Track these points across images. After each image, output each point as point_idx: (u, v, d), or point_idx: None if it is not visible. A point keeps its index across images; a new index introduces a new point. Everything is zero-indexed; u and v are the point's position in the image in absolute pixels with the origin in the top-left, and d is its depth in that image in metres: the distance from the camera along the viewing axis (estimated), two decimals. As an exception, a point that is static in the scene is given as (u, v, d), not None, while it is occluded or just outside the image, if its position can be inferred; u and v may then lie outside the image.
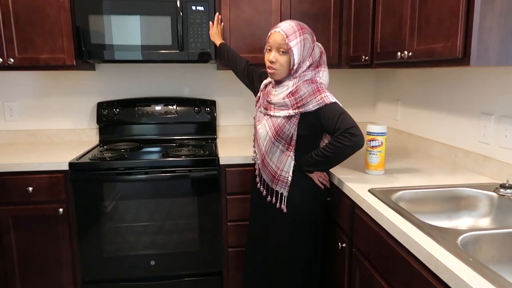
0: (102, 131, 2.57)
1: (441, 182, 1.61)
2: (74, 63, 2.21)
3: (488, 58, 1.31)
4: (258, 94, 1.81)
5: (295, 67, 1.58)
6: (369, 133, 1.71)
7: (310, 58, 1.62)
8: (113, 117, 2.54)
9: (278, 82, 1.67)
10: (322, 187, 1.73)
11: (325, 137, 1.73)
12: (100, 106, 2.55)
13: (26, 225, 2.07)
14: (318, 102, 1.54)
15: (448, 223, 1.46)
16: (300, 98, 1.55)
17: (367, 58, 2.06)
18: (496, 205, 1.43)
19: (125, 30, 2.15)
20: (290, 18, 2.31)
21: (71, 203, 2.07)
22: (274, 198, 1.72)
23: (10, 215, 2.04)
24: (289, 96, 1.58)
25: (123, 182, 2.07)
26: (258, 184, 1.79)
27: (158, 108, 2.57)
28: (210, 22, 2.19)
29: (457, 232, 1.11)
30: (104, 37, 2.15)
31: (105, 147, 2.40)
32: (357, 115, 2.89)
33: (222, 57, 2.16)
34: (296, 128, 1.59)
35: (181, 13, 2.15)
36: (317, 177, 1.71)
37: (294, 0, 2.31)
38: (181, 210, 2.14)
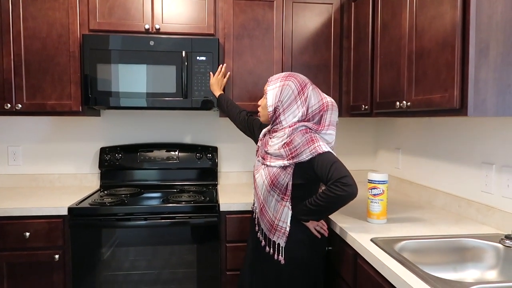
0: (103, 176, 2.58)
1: (445, 232, 1.58)
2: (80, 109, 2.27)
3: (485, 109, 1.34)
4: (258, 143, 1.83)
5: (269, 109, 1.66)
6: (370, 181, 1.70)
7: (302, 107, 1.63)
8: (115, 162, 2.55)
9: (274, 132, 1.69)
10: (319, 236, 1.68)
11: (322, 185, 1.71)
12: (103, 151, 2.57)
13: (21, 272, 2.01)
14: (311, 152, 1.53)
15: (453, 275, 1.42)
16: (295, 149, 1.56)
17: (367, 107, 2.11)
18: (503, 257, 1.39)
19: (131, 78, 2.22)
20: (292, 68, 2.40)
21: (67, 249, 2.03)
22: (272, 249, 1.67)
23: (4, 261, 2.00)
24: (284, 146, 1.58)
25: (122, 228, 2.04)
26: (258, 234, 1.75)
27: (160, 154, 2.59)
28: (210, 72, 2.26)
29: (463, 285, 1.08)
30: (110, 84, 2.21)
31: (105, 192, 2.39)
32: (358, 163, 2.90)
33: (222, 108, 2.22)
34: (291, 178, 1.59)
35: (186, 63, 2.23)
36: (313, 226, 1.66)
37: (295, 51, 2.40)
38: (180, 258, 2.08)
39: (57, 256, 2.00)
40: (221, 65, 2.27)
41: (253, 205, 1.81)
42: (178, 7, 2.32)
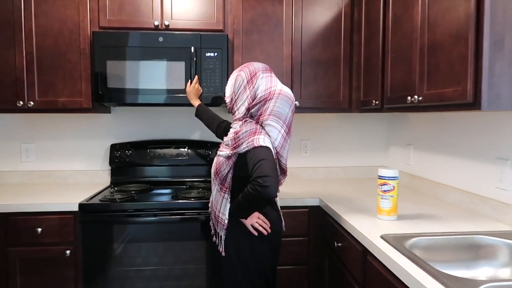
0: (114, 173, 2.60)
1: (457, 229, 1.55)
2: (91, 106, 2.28)
3: (499, 103, 1.31)
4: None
5: (227, 101, 1.69)
6: (380, 177, 1.68)
7: (249, 96, 1.60)
8: (125, 159, 2.57)
9: (234, 122, 1.71)
10: (256, 233, 1.59)
11: None
12: (113, 148, 2.59)
13: (33, 268, 2.03)
14: (248, 144, 1.49)
15: (466, 272, 1.39)
16: (238, 139, 1.54)
17: (377, 102, 2.08)
18: (517, 254, 1.36)
19: (141, 75, 2.23)
20: (301, 64, 2.38)
21: (78, 245, 2.04)
22: (217, 239, 1.70)
23: (18, 256, 2.02)
24: (234, 134, 1.60)
25: (132, 224, 2.05)
26: (210, 223, 1.78)
27: (169, 150, 2.60)
28: (188, 82, 2.22)
29: (476, 283, 1.05)
30: (120, 81, 2.22)
31: (115, 188, 2.41)
32: (369, 159, 2.86)
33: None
34: (231, 170, 1.59)
35: (195, 59, 2.22)
36: (250, 222, 1.59)
37: (305, 46, 2.38)
38: (190, 254, 2.09)
39: (68, 252, 2.02)
40: (196, 76, 2.21)
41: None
42: (187, 3, 2.31)
